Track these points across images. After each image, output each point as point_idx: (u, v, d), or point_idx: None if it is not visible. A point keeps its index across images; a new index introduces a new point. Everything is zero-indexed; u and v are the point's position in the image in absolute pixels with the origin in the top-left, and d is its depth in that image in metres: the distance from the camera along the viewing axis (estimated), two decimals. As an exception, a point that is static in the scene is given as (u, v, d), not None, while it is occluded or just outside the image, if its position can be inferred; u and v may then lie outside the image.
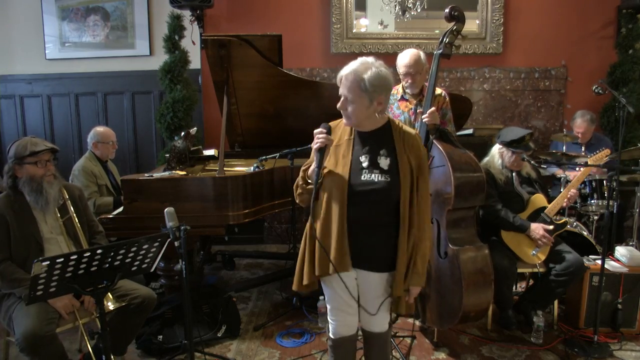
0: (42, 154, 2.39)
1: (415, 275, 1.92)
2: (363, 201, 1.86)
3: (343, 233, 1.86)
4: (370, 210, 1.87)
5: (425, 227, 1.93)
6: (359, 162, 1.88)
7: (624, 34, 4.58)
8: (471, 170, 2.64)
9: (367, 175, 1.87)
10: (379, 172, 1.87)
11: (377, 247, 1.91)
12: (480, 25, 4.75)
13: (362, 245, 1.90)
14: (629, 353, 2.84)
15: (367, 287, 1.98)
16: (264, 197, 3.18)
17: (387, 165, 1.88)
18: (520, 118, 4.90)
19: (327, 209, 1.89)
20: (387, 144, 1.90)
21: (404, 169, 1.87)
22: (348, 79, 1.82)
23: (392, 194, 1.86)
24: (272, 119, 3.80)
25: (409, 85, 2.99)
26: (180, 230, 2.07)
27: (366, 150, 1.90)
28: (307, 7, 4.76)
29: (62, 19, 4.88)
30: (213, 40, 3.32)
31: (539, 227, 2.89)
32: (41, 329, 2.15)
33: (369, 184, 1.86)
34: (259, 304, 3.55)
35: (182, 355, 2.74)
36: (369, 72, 1.79)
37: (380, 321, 2.05)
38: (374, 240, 1.91)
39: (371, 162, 1.88)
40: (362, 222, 1.88)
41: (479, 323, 3.12)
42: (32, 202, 2.38)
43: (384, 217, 1.89)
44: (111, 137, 3.73)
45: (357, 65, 1.82)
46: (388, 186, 1.85)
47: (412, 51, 2.97)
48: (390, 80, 1.86)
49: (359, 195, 1.85)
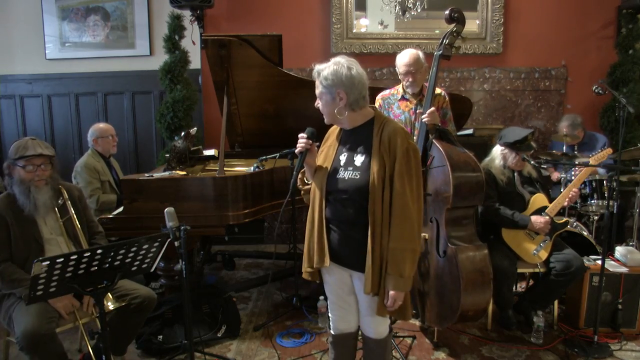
0: (32, 159, 2.35)
1: (389, 278, 1.80)
2: (336, 199, 1.89)
3: (321, 230, 1.92)
4: (344, 208, 1.88)
5: (405, 232, 1.79)
6: (338, 161, 1.93)
7: (624, 34, 4.58)
8: (470, 170, 2.65)
9: (343, 173, 1.89)
10: (352, 170, 1.88)
11: (352, 246, 1.88)
12: (481, 25, 4.75)
13: (338, 243, 1.92)
14: (629, 353, 2.84)
15: (355, 286, 1.99)
16: (263, 197, 3.18)
17: (361, 162, 1.87)
18: (520, 118, 4.90)
19: (312, 207, 1.97)
20: (366, 141, 1.89)
21: (374, 167, 1.81)
22: (313, 76, 1.88)
23: (362, 192, 1.82)
24: (272, 119, 3.80)
25: (410, 84, 2.99)
26: (180, 230, 2.07)
27: (346, 149, 1.93)
28: (307, 7, 4.76)
29: (62, 19, 4.88)
30: (213, 40, 3.32)
31: (538, 217, 2.91)
32: (41, 328, 2.15)
33: (340, 182, 1.88)
34: (259, 304, 3.55)
35: (182, 355, 2.74)
36: (327, 69, 1.83)
37: (376, 327, 2.02)
38: (350, 239, 1.89)
39: (348, 160, 1.91)
40: (338, 220, 1.91)
41: (479, 323, 3.12)
42: (21, 205, 2.36)
43: (358, 216, 1.84)
44: (110, 130, 3.74)
45: (321, 64, 1.87)
46: (356, 184, 1.84)
47: (410, 50, 2.99)
48: (351, 76, 1.80)
49: (332, 193, 1.90)
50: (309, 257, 2.00)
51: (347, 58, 1.86)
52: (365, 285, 1.85)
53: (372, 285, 1.83)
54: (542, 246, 2.92)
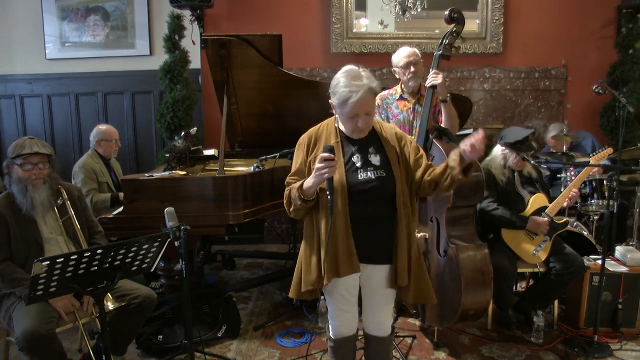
0: (29, 157, 2.35)
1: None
2: (362, 199, 1.89)
3: (348, 234, 1.88)
4: (370, 206, 1.90)
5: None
6: (352, 163, 1.91)
7: (624, 34, 4.58)
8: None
9: (363, 174, 1.90)
10: (373, 169, 1.91)
11: (378, 240, 1.94)
12: (480, 25, 4.75)
13: (364, 241, 1.91)
14: (629, 353, 2.84)
15: (371, 282, 2.00)
16: (264, 197, 3.18)
17: (379, 162, 1.92)
18: (521, 118, 4.90)
19: (322, 218, 1.89)
20: (373, 142, 1.95)
21: (394, 162, 1.92)
22: (372, 89, 1.88)
23: (389, 188, 1.90)
24: (272, 119, 3.80)
25: (412, 76, 2.98)
26: (180, 230, 2.07)
27: (356, 150, 1.93)
28: (307, 7, 4.76)
29: (62, 18, 4.88)
30: (213, 40, 3.32)
31: (537, 217, 2.90)
32: (41, 328, 2.15)
33: (367, 182, 1.89)
34: (259, 304, 3.55)
35: (182, 355, 2.74)
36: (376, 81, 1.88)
37: (384, 321, 2.07)
38: (375, 234, 1.94)
39: (364, 161, 1.92)
40: (363, 219, 1.90)
41: (479, 323, 3.12)
42: (19, 204, 2.36)
43: (382, 211, 1.92)
44: (114, 135, 3.74)
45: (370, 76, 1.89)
46: (384, 181, 1.90)
47: (406, 47, 3.03)
48: (336, 84, 1.84)
49: (358, 194, 1.88)
50: (317, 272, 1.91)
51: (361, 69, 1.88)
52: (401, 278, 1.91)
53: (405, 277, 1.92)
54: (542, 246, 2.92)
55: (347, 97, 1.79)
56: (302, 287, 1.97)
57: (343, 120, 1.90)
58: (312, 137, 1.98)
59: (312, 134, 1.99)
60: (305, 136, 2.01)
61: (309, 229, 1.96)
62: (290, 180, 1.96)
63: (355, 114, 1.83)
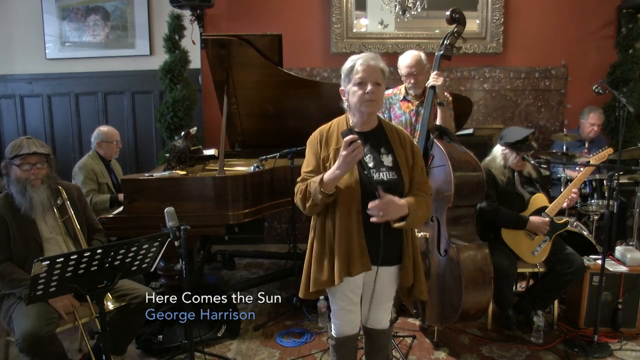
0: (27, 157, 2.34)
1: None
2: (375, 199, 1.85)
3: (361, 234, 1.88)
4: None
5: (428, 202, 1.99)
6: (364, 163, 1.89)
7: (624, 34, 4.59)
8: (471, 169, 2.65)
9: (376, 174, 1.89)
10: (386, 170, 1.91)
11: (388, 241, 1.93)
12: (481, 25, 4.75)
13: (376, 242, 1.89)
14: (629, 353, 2.84)
15: (378, 281, 1.97)
16: (264, 197, 3.18)
17: (391, 162, 1.93)
18: (521, 118, 4.90)
19: (342, 213, 1.88)
20: (384, 143, 1.96)
21: (403, 164, 1.94)
22: (376, 65, 1.88)
23: (401, 189, 1.92)
24: (272, 119, 3.80)
25: (412, 86, 3.00)
26: (180, 230, 2.06)
27: (368, 150, 1.92)
28: (307, 7, 4.76)
29: (62, 18, 4.88)
30: (213, 40, 3.32)
31: (537, 218, 2.90)
32: (41, 329, 2.15)
33: (381, 183, 1.86)
34: (259, 304, 3.55)
35: (182, 355, 2.74)
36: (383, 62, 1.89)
37: (384, 317, 2.11)
38: (386, 235, 1.91)
39: (376, 162, 1.92)
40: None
41: (479, 323, 3.12)
42: (17, 204, 2.36)
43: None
44: (115, 136, 3.74)
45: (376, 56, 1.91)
46: (397, 182, 1.91)
47: (413, 52, 2.99)
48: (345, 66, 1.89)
49: (373, 195, 1.84)
50: (330, 270, 1.90)
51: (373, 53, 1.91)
52: (406, 277, 1.97)
53: (412, 276, 1.99)
54: (542, 247, 2.92)
55: (354, 62, 1.85)
56: (312, 287, 1.95)
57: (353, 99, 1.87)
58: (323, 135, 1.95)
59: (323, 132, 1.97)
60: (317, 133, 1.98)
61: (321, 228, 1.93)
62: (306, 176, 1.93)
63: (363, 79, 1.82)
